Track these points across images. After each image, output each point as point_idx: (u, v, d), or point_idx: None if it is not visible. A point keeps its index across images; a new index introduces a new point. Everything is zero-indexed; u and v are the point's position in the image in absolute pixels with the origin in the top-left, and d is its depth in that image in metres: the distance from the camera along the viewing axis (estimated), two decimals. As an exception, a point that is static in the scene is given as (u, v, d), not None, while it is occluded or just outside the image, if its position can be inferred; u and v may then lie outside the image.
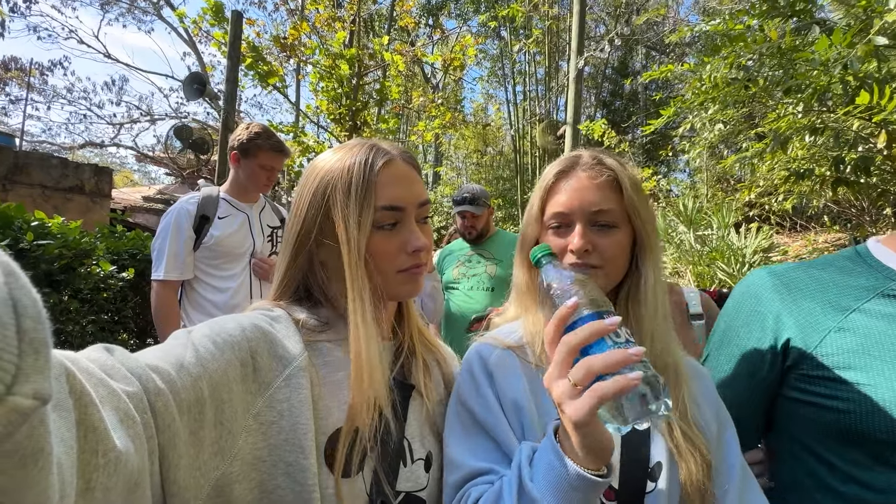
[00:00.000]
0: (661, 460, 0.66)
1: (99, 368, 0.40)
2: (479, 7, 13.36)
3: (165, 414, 0.44)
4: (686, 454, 0.65)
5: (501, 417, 0.67)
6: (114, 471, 0.35)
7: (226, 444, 0.52)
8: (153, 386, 0.44)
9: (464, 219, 2.50)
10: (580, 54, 5.90)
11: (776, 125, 3.32)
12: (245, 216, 1.97)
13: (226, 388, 0.52)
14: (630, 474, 0.65)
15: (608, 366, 0.47)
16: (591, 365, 0.48)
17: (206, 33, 6.75)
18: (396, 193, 0.65)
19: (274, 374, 0.57)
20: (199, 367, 0.51)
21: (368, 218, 0.62)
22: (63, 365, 0.33)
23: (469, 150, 15.36)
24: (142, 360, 0.47)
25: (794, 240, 6.84)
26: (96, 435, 0.34)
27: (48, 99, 17.22)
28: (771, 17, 2.87)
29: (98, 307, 2.73)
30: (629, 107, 15.50)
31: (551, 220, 0.72)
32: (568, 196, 0.71)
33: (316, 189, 0.66)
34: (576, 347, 0.50)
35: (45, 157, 6.01)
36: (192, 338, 0.54)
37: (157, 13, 16.58)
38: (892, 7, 2.23)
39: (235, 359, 0.55)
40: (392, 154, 0.67)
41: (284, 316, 0.64)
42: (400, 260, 0.66)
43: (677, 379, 0.71)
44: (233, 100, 4.88)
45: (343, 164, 0.64)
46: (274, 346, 0.59)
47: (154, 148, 16.09)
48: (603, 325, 0.49)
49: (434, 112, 8.08)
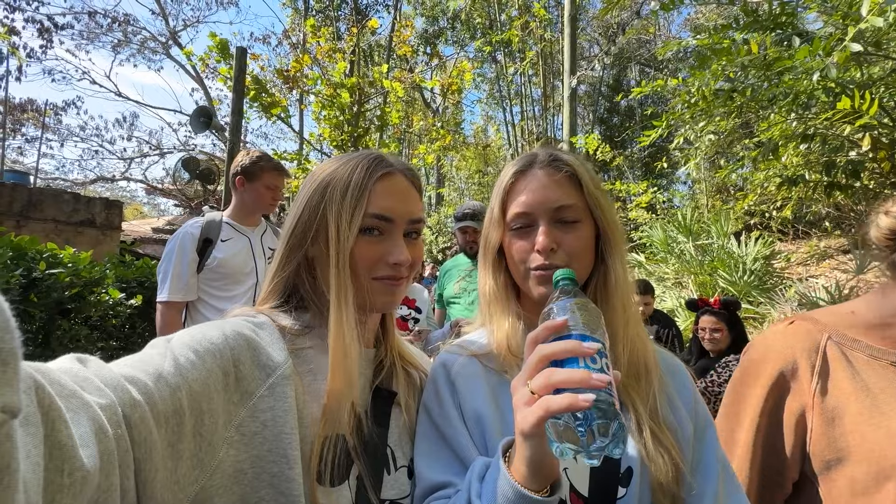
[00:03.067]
0: (631, 466, 0.64)
1: (71, 380, 0.38)
2: (474, 34, 13.80)
3: (141, 426, 0.42)
4: (655, 457, 0.63)
5: (461, 429, 0.66)
6: (79, 492, 0.34)
7: (205, 457, 0.50)
8: (129, 398, 0.42)
9: (465, 234, 2.56)
10: (573, 74, 6.07)
11: (769, 134, 3.39)
12: (247, 239, 2.04)
13: (206, 399, 0.50)
14: (601, 480, 0.63)
15: (568, 381, 0.46)
16: (551, 375, 0.47)
17: (213, 69, 7.04)
18: (389, 204, 0.65)
19: (257, 383, 0.56)
20: (178, 376, 0.48)
21: (357, 221, 0.63)
22: (32, 377, 0.31)
23: (471, 171, 15.58)
24: (117, 371, 0.45)
25: (797, 247, 6.81)
26: (62, 453, 0.32)
27: (62, 137, 17.85)
28: (754, 31, 2.97)
29: (107, 334, 2.80)
30: (626, 122, 15.71)
31: (514, 221, 0.70)
32: (528, 195, 0.69)
33: (315, 190, 0.66)
34: (546, 357, 0.48)
35: (58, 192, 6.21)
36: (172, 346, 0.52)
37: (166, 52, 17.30)
38: (865, 15, 2.31)
39: (217, 368, 0.53)
40: (394, 167, 0.68)
41: (268, 322, 0.63)
42: (378, 269, 0.65)
43: (647, 374, 0.68)
44: (238, 131, 5.05)
45: (346, 168, 0.66)
46: (257, 354, 0.57)
47: (163, 180, 16.53)
48: (580, 345, 0.48)
49: (434, 135, 8.28)
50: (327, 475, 0.58)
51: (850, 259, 5.15)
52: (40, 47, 15.01)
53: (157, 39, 17.13)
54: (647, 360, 0.69)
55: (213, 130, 5.64)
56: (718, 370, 2.59)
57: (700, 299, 2.93)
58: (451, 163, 15.95)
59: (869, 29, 2.40)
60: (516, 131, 11.88)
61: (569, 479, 0.63)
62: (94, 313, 2.56)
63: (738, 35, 2.92)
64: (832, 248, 6.04)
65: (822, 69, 2.30)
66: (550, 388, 0.46)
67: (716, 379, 2.54)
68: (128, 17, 17.01)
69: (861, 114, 2.45)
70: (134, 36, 17.02)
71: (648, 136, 3.52)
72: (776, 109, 2.96)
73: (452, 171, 17.10)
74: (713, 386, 2.49)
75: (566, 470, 0.64)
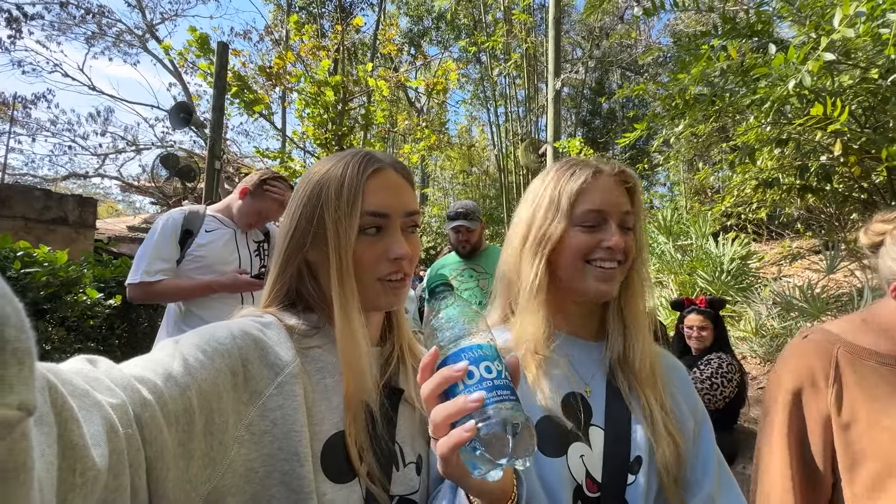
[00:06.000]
0: (640, 454, 0.69)
1: (82, 380, 0.39)
2: (459, 34, 13.83)
3: (152, 426, 0.43)
4: (662, 440, 0.69)
5: None
6: (90, 491, 0.34)
7: (217, 456, 0.50)
8: (139, 397, 0.43)
9: (458, 233, 2.57)
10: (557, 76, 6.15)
11: (745, 138, 3.50)
12: (232, 231, 2.00)
13: (216, 398, 0.51)
14: (612, 467, 0.68)
15: (449, 417, 0.46)
16: (436, 416, 0.47)
17: (192, 64, 6.88)
18: (383, 200, 0.66)
19: (266, 382, 0.57)
20: (188, 376, 0.49)
21: (356, 221, 0.63)
22: (45, 377, 0.31)
23: (455, 171, 15.62)
24: (127, 372, 0.45)
25: (771, 247, 7.06)
26: (75, 452, 0.33)
27: (31, 132, 17.16)
28: (732, 38, 3.06)
29: (84, 335, 2.72)
30: (608, 125, 16.00)
31: (586, 217, 0.74)
32: (603, 195, 0.74)
33: (311, 193, 0.67)
34: (430, 397, 0.49)
35: (28, 188, 5.97)
36: (181, 347, 0.53)
37: (143, 46, 16.77)
38: (836, 26, 2.41)
39: (226, 367, 0.54)
40: (384, 162, 0.68)
41: (275, 322, 0.64)
42: (381, 267, 0.66)
43: (653, 376, 0.74)
44: (219, 128, 4.95)
45: (337, 169, 0.66)
46: (265, 353, 0.58)
47: (139, 177, 16.05)
48: (448, 371, 0.48)
49: (419, 135, 8.27)
50: (338, 471, 0.58)
51: (821, 259, 5.36)
52: (8, 37, 14.41)
53: (133, 32, 16.60)
54: (653, 361, 0.75)
55: (193, 127, 5.51)
56: (701, 367, 2.67)
57: (686, 299, 3.01)
58: (435, 163, 15.96)
59: (840, 39, 2.51)
60: (501, 132, 11.97)
61: (585, 466, 0.68)
62: (72, 314, 2.48)
63: (716, 41, 3.02)
64: (804, 249, 6.28)
65: (797, 76, 2.39)
66: (444, 428, 0.46)
67: (698, 376, 2.61)
68: (102, 8, 16.45)
69: (832, 120, 2.55)
70: (109, 28, 16.47)
71: (628, 137, 3.60)
72: (753, 114, 3.06)
73: (437, 170, 17.11)
74: (696, 382, 2.57)
75: (583, 457, 0.68)
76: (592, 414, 0.72)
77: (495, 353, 0.50)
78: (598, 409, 0.72)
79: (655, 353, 0.76)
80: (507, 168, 11.53)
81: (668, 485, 0.68)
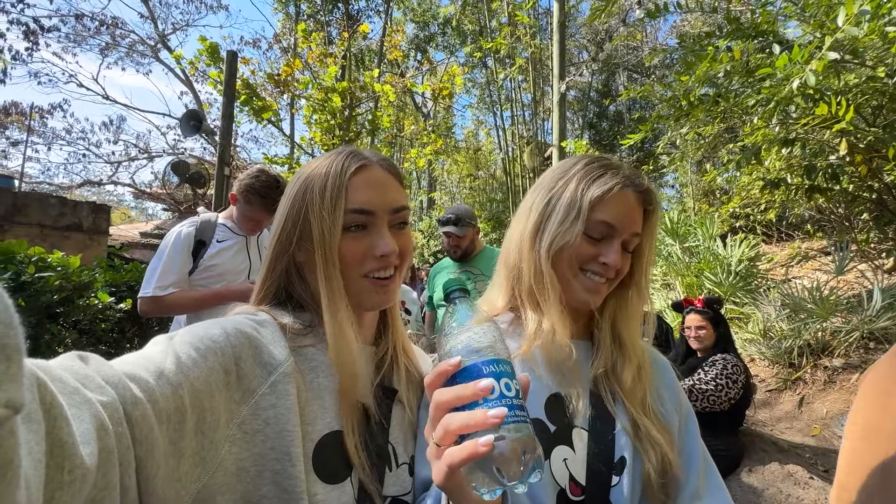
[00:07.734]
0: (625, 455, 0.68)
1: (72, 377, 0.38)
2: (465, 39, 13.91)
3: (143, 424, 0.42)
4: (648, 450, 0.68)
5: None
6: (78, 489, 0.33)
7: (207, 455, 0.50)
8: (130, 395, 0.42)
9: (449, 238, 2.60)
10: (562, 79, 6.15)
11: (752, 139, 3.48)
12: (242, 238, 2.05)
13: (208, 396, 0.50)
14: (596, 469, 0.67)
15: (465, 427, 0.44)
16: (449, 425, 0.45)
17: (203, 73, 7.02)
18: (367, 197, 0.65)
19: (259, 380, 0.56)
20: (180, 374, 0.49)
21: (339, 219, 0.63)
22: (34, 374, 0.31)
23: (462, 175, 15.66)
24: (118, 369, 0.45)
25: (781, 248, 6.97)
26: (63, 450, 0.32)
27: (48, 141, 17.56)
28: (737, 39, 3.06)
29: (96, 338, 2.78)
30: (615, 127, 15.95)
31: (597, 227, 0.72)
32: (619, 211, 0.72)
33: (297, 193, 0.67)
34: (444, 405, 0.47)
35: (44, 196, 6.13)
36: (174, 344, 0.52)
37: (155, 56, 17.13)
38: (841, 25, 2.40)
39: (218, 365, 0.53)
40: (369, 159, 0.68)
41: (270, 320, 0.63)
42: (366, 264, 0.65)
43: (640, 375, 0.73)
44: (229, 134, 5.04)
45: (322, 168, 0.66)
46: (259, 352, 0.58)
47: (151, 184, 16.32)
48: (475, 386, 0.45)
49: (426, 139, 8.32)
50: (329, 472, 0.58)
51: (831, 260, 5.28)
52: (25, 49, 14.79)
53: (145, 43, 16.97)
54: (642, 360, 0.75)
55: (204, 134, 5.62)
56: (706, 368, 2.64)
57: (685, 300, 2.99)
58: (442, 167, 16.03)
59: (846, 38, 2.49)
60: (507, 135, 11.99)
61: (568, 470, 0.67)
62: (84, 317, 2.54)
63: (721, 42, 3.01)
64: (814, 250, 6.19)
65: (801, 76, 2.37)
66: (452, 437, 0.45)
67: (703, 377, 2.59)
68: (116, 20, 16.86)
69: (838, 119, 2.53)
70: (122, 39, 16.86)
71: (632, 138, 3.59)
72: (759, 114, 3.05)
73: (444, 174, 17.17)
74: (700, 384, 2.54)
75: (566, 461, 0.67)
76: (576, 416, 0.71)
77: (513, 370, 0.48)
78: (582, 410, 0.71)
79: (643, 353, 0.75)
80: (513, 171, 11.54)
81: (653, 493, 0.67)
